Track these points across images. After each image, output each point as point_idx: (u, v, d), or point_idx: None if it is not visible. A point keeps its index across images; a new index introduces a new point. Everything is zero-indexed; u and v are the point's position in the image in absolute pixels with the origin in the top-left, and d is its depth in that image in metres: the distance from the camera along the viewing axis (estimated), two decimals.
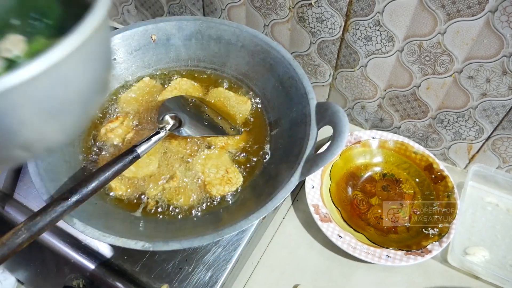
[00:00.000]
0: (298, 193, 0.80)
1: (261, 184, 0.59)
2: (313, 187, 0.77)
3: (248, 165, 0.62)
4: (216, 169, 0.60)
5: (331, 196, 0.76)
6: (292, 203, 0.79)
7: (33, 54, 0.32)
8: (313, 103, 0.60)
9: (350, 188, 0.79)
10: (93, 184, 0.52)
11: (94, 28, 0.27)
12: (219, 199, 0.59)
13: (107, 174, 0.53)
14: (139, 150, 0.55)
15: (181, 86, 0.70)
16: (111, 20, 1.09)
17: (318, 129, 0.58)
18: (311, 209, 0.74)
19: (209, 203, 0.59)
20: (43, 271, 0.68)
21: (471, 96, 0.70)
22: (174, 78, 0.72)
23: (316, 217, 0.73)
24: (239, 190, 0.60)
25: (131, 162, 0.55)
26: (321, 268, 0.72)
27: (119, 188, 0.60)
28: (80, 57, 0.29)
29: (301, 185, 0.79)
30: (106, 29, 0.33)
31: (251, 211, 0.52)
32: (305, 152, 0.55)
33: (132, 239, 0.50)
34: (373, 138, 0.82)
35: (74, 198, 0.50)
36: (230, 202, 0.59)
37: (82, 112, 0.33)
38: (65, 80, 0.28)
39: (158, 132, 0.58)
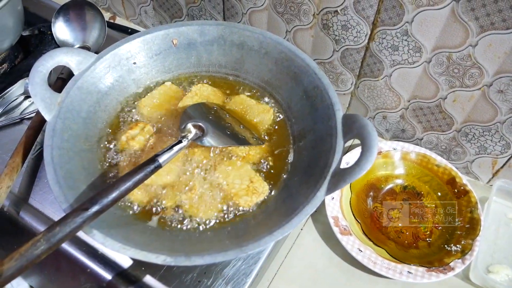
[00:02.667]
0: None
1: (284, 198, 0.58)
2: (333, 198, 0.75)
3: (271, 177, 0.61)
4: (240, 179, 0.59)
5: (351, 208, 0.74)
6: (310, 215, 0.78)
7: None
8: (339, 115, 0.58)
9: (370, 200, 0.77)
10: (114, 194, 0.50)
11: None
12: (240, 212, 0.57)
13: (128, 184, 0.51)
14: (161, 159, 0.54)
15: (202, 92, 0.68)
16: (127, 20, 1.08)
17: (345, 142, 0.56)
18: (331, 221, 0.72)
19: (230, 216, 0.57)
20: (58, 279, 0.67)
21: (500, 110, 0.68)
22: (195, 83, 0.70)
23: (336, 229, 0.71)
24: (264, 200, 0.58)
25: (153, 172, 0.53)
26: (340, 282, 0.70)
27: (137, 197, 0.58)
28: None
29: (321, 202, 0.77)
30: None
31: (275, 226, 0.50)
32: (331, 165, 0.54)
33: (153, 253, 0.48)
34: (394, 149, 0.80)
35: (94, 208, 0.49)
36: (252, 216, 0.57)
37: None
38: None
39: (180, 141, 0.56)
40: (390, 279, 0.68)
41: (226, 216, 0.57)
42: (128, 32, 0.99)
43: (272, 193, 0.59)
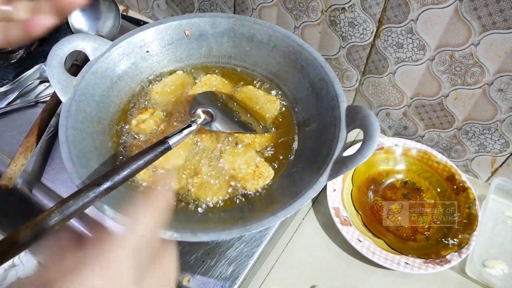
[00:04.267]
0: (319, 196, 0.80)
1: (287, 183, 0.60)
2: (335, 190, 0.77)
3: (275, 164, 0.63)
4: (246, 165, 0.61)
5: (352, 200, 0.76)
6: (312, 205, 0.80)
7: None
8: (343, 106, 0.60)
9: (371, 193, 0.79)
10: (125, 172, 0.53)
11: None
12: (246, 195, 0.60)
13: (139, 163, 0.53)
14: (171, 141, 0.56)
15: (211, 82, 0.71)
16: (140, 13, 1.10)
17: (348, 132, 0.58)
18: (332, 212, 0.74)
19: (236, 199, 0.59)
20: None
21: (500, 109, 0.70)
22: (205, 74, 0.73)
23: (336, 220, 0.73)
24: (269, 184, 0.60)
25: (162, 153, 0.55)
26: (338, 270, 0.72)
27: (146, 178, 0.61)
28: None
29: (322, 187, 0.79)
30: None
31: (278, 209, 0.52)
32: (334, 153, 0.56)
33: None
34: (396, 145, 0.82)
35: (106, 184, 0.51)
36: (257, 199, 0.59)
37: None
38: None
39: (189, 125, 0.58)
40: (388, 269, 0.70)
41: (232, 199, 0.59)
42: (140, 24, 1.01)
43: (277, 178, 0.61)
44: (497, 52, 0.64)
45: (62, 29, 0.89)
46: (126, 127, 0.65)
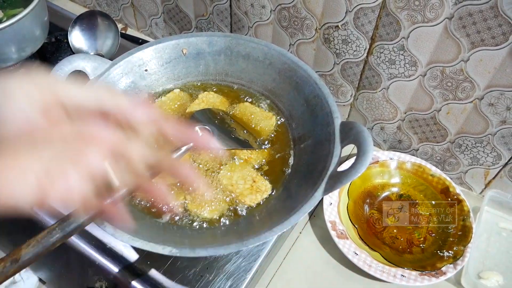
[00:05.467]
0: (315, 209, 0.82)
1: (283, 199, 0.61)
2: (331, 204, 0.79)
3: (272, 179, 0.64)
4: (243, 180, 0.62)
5: (348, 214, 0.77)
6: (309, 219, 0.81)
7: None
8: (337, 122, 0.61)
9: (367, 206, 0.81)
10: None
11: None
12: (245, 210, 0.61)
13: None
14: None
15: (208, 100, 0.72)
16: (138, 31, 1.12)
17: (342, 147, 0.59)
18: (329, 225, 0.75)
19: (233, 215, 0.60)
20: (67, 272, 0.70)
21: (491, 122, 0.71)
22: (202, 91, 0.74)
23: (333, 233, 0.74)
24: (267, 199, 0.62)
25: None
26: (336, 284, 0.73)
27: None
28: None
29: (319, 201, 0.80)
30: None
31: (275, 224, 0.53)
32: (328, 168, 0.57)
33: (160, 244, 0.52)
34: (391, 159, 0.84)
35: (106, 201, 0.52)
36: (255, 214, 0.60)
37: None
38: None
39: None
40: (384, 281, 0.71)
41: (229, 214, 0.60)
42: (139, 42, 1.04)
43: (274, 193, 0.63)
44: (487, 68, 0.65)
45: (63, 49, 0.91)
46: None
